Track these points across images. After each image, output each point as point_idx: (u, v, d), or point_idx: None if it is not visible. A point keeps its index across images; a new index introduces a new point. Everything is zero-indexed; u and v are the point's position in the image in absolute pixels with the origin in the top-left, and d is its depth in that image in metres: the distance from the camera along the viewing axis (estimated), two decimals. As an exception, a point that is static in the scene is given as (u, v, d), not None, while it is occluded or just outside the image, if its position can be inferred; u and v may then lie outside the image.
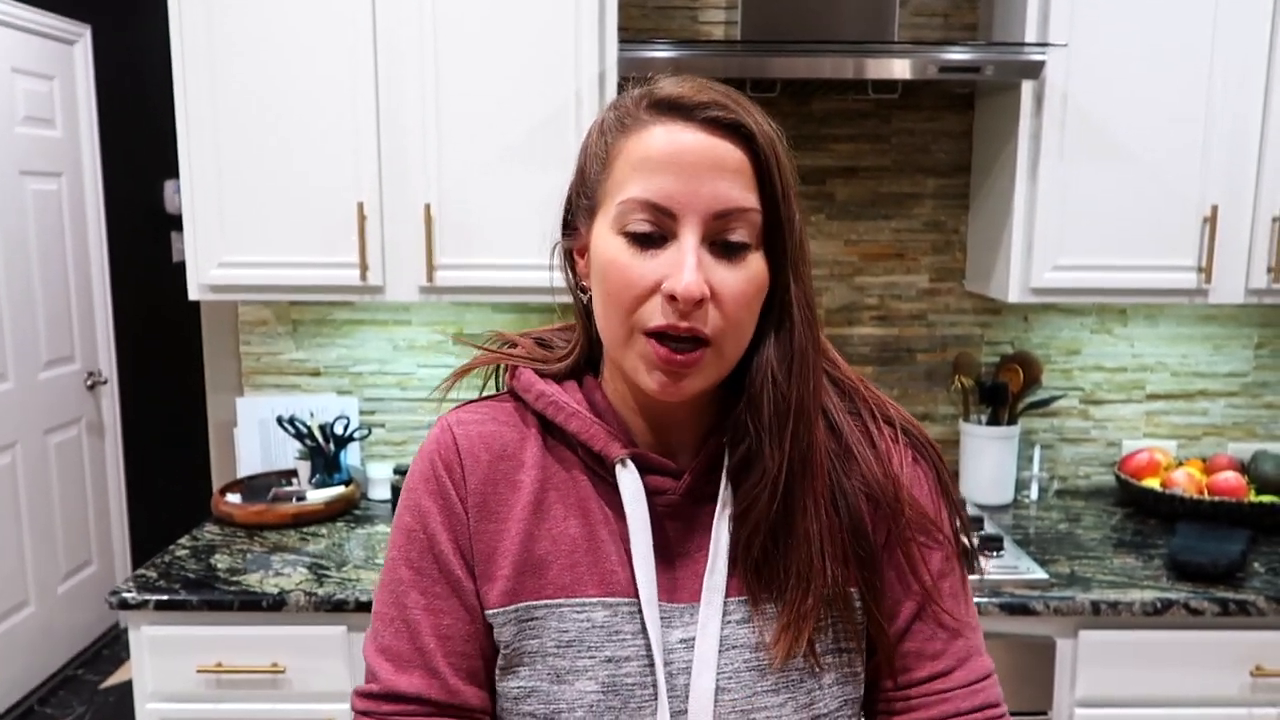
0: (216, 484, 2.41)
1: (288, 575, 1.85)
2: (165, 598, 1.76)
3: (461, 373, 0.86)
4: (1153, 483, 2.20)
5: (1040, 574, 1.84)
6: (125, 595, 1.77)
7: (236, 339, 2.38)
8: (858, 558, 0.77)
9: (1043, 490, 2.38)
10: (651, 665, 0.75)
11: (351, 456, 2.35)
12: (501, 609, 0.78)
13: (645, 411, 0.80)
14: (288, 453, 2.34)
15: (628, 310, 0.72)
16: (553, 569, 0.78)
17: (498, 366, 0.87)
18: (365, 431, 2.33)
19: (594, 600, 0.77)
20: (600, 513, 0.79)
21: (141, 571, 1.86)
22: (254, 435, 2.36)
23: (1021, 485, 2.36)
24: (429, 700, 0.78)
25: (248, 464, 2.36)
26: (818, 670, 0.76)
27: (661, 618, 0.76)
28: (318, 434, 2.24)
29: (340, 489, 2.21)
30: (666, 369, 0.71)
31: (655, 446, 0.81)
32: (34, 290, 3.25)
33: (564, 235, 0.82)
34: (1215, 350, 2.40)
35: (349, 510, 2.21)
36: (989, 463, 2.27)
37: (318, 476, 2.24)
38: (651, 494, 0.78)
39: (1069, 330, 2.38)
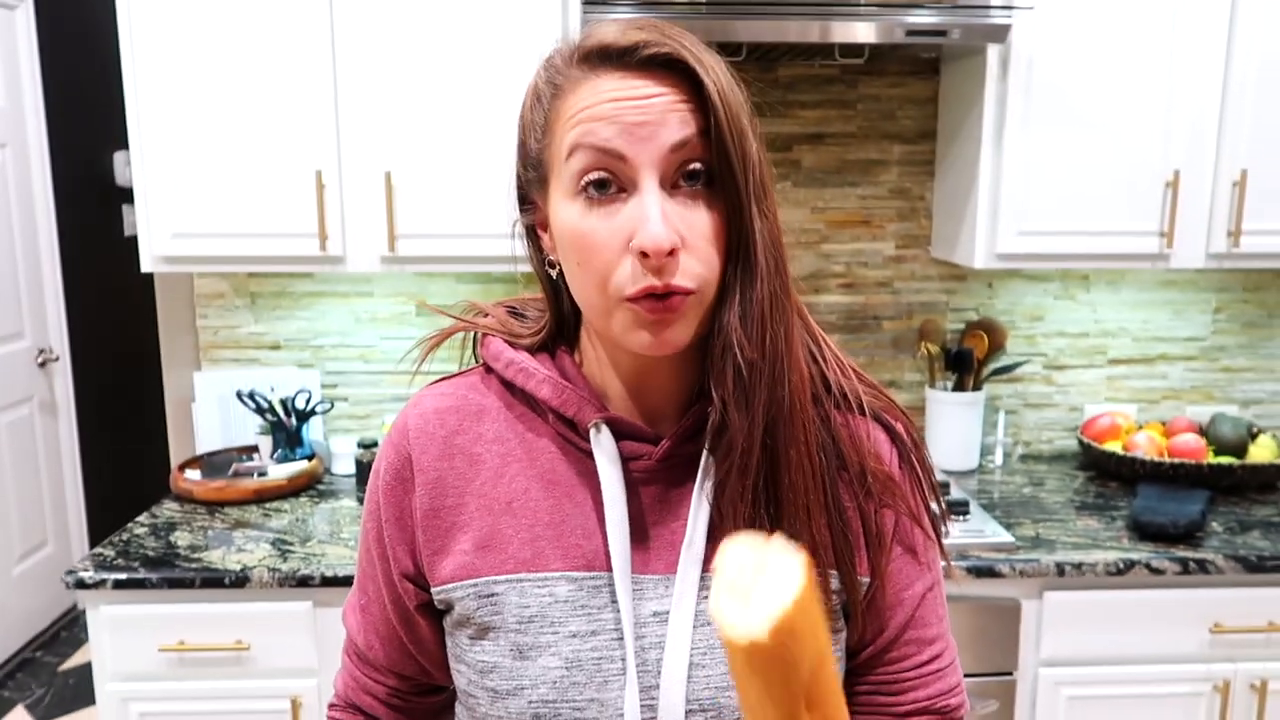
0: (175, 461, 2.36)
1: (250, 551, 1.82)
2: (124, 576, 1.72)
3: (433, 344, 0.83)
4: (1114, 446, 2.23)
5: (1006, 537, 1.86)
6: (82, 575, 1.73)
7: (193, 312, 2.32)
8: (841, 536, 0.75)
9: (1007, 455, 2.40)
10: (621, 639, 0.73)
11: (314, 431, 2.31)
12: (459, 583, 0.76)
13: (627, 376, 0.77)
14: (248, 428, 2.29)
15: (601, 278, 0.68)
16: (513, 543, 0.76)
17: (474, 339, 0.85)
18: (328, 405, 2.28)
19: (557, 574, 0.74)
20: (569, 483, 0.77)
21: (99, 550, 1.82)
22: (213, 411, 2.31)
23: (986, 451, 2.38)
24: (376, 665, 0.85)
25: (207, 440, 2.31)
26: None
27: (634, 590, 0.74)
28: (279, 408, 2.20)
29: (303, 464, 2.17)
30: (652, 323, 0.68)
31: (634, 414, 0.78)
32: (-20, 265, 3.15)
33: (521, 212, 0.79)
34: (1175, 315, 2.42)
35: (312, 485, 2.18)
36: (955, 429, 2.29)
37: (280, 451, 2.19)
38: (627, 460, 0.76)
39: (1033, 296, 2.40)
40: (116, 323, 3.72)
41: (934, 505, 0.81)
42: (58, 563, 3.53)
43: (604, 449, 0.75)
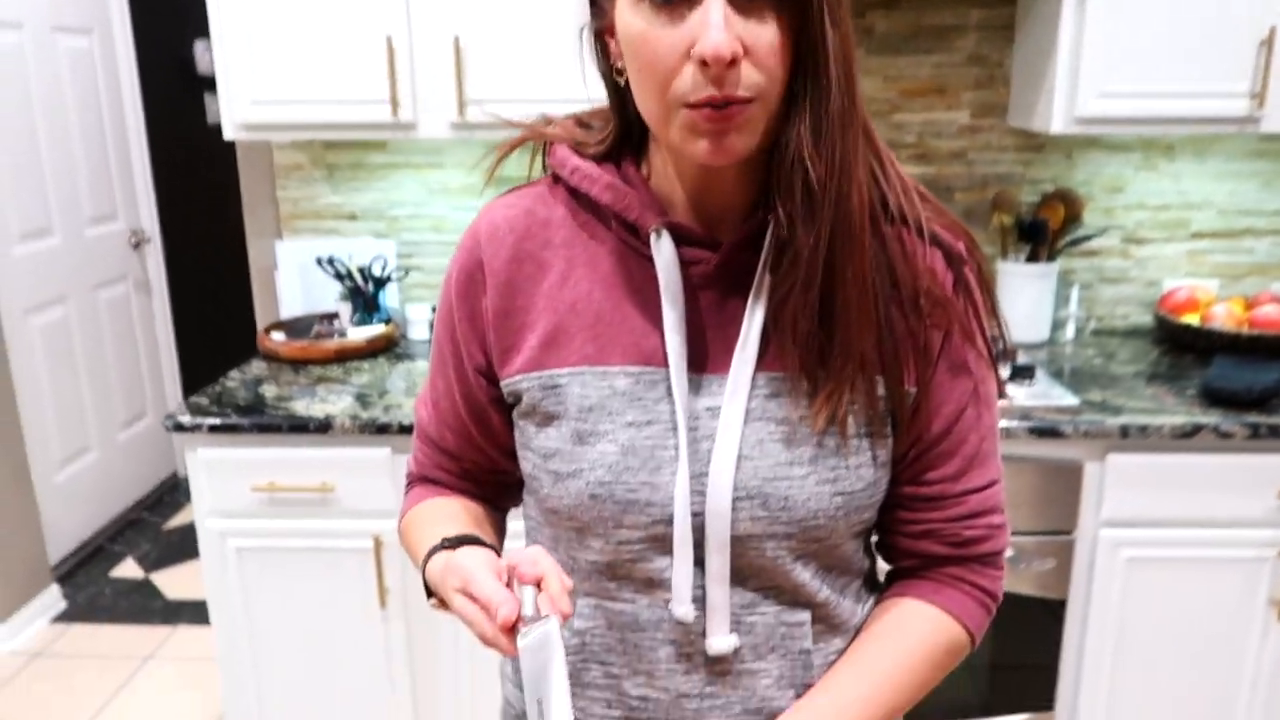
0: (261, 326, 2.47)
1: (333, 403, 1.92)
2: (217, 421, 1.84)
3: (505, 151, 0.85)
4: (1191, 319, 2.18)
5: (1071, 400, 1.86)
6: (180, 419, 1.85)
7: (273, 184, 2.40)
8: (891, 346, 0.77)
9: (1079, 330, 2.37)
10: (674, 430, 0.76)
11: (390, 299, 2.39)
12: (525, 375, 0.81)
13: (690, 183, 0.78)
14: (328, 296, 2.38)
15: (662, 84, 0.68)
16: (576, 340, 0.79)
17: (542, 152, 0.87)
18: (403, 273, 2.36)
19: (617, 369, 0.78)
20: (630, 286, 0.80)
21: (194, 399, 1.94)
22: (295, 279, 2.40)
23: (1058, 325, 2.35)
24: (448, 451, 0.91)
25: (289, 307, 2.41)
26: (845, 450, 0.76)
27: (689, 386, 0.77)
28: (356, 275, 2.28)
29: (380, 328, 2.26)
30: (711, 131, 0.68)
31: (695, 222, 0.79)
32: (73, 147, 3.28)
33: (592, 15, 0.81)
34: (1264, 186, 2.33)
35: (389, 348, 2.27)
36: (1025, 301, 2.26)
37: (358, 316, 2.29)
38: (687, 265, 0.78)
39: (1113, 167, 2.33)
40: (203, 205, 3.86)
41: (990, 326, 0.81)
42: (157, 433, 3.75)
43: (663, 253, 0.77)
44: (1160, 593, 1.88)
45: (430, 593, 0.79)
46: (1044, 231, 2.22)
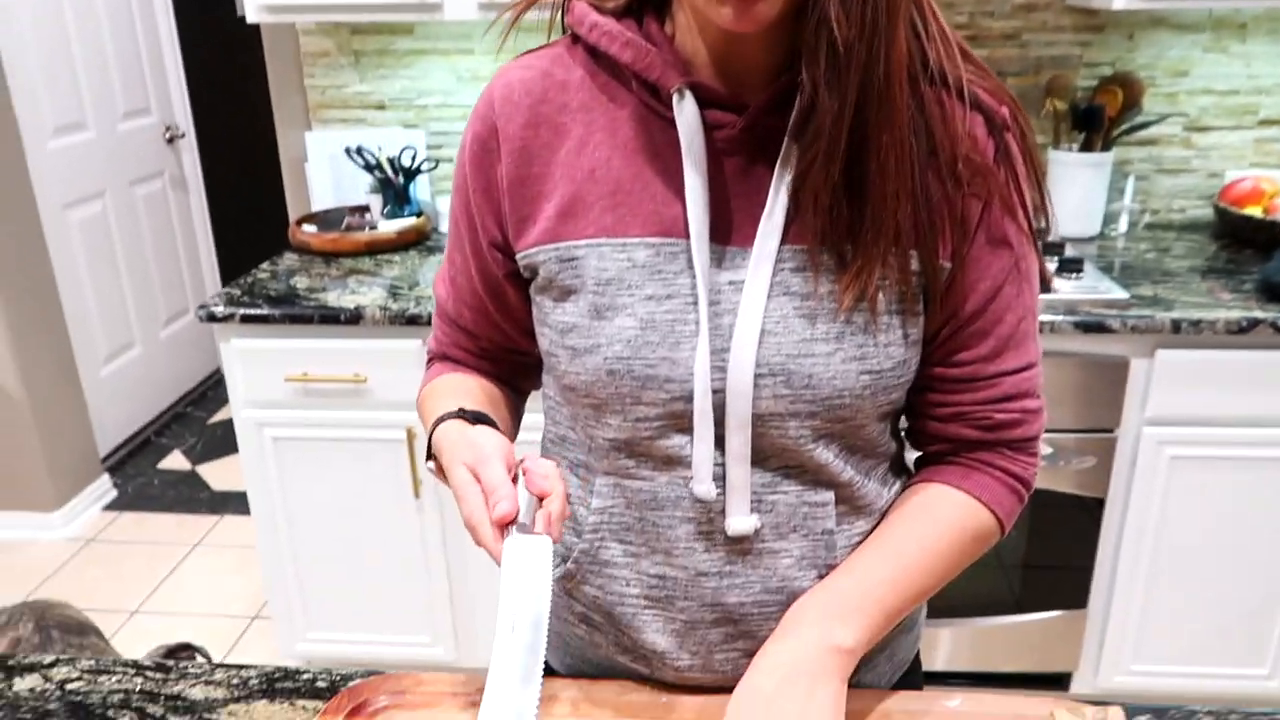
0: (293, 219, 2.45)
1: (363, 294, 1.90)
2: (250, 311, 1.84)
3: (521, 8, 0.81)
4: (1254, 211, 2.08)
5: (1120, 294, 1.79)
6: (214, 309, 1.85)
7: (300, 73, 2.35)
8: (926, 218, 0.72)
9: (1133, 223, 2.27)
10: (695, 304, 0.73)
11: (421, 190, 2.35)
12: (541, 247, 0.78)
13: (715, 44, 0.73)
14: (359, 188, 2.35)
15: None
16: (594, 210, 0.76)
17: (561, 11, 0.82)
18: (433, 164, 2.32)
19: (636, 240, 0.75)
20: (651, 152, 0.76)
21: (227, 289, 1.94)
22: (325, 171, 2.37)
23: (1110, 219, 2.25)
24: (466, 329, 0.89)
25: (320, 199, 2.39)
26: (874, 327, 0.73)
27: (711, 258, 0.74)
28: (386, 166, 2.24)
29: (411, 220, 2.23)
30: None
31: (720, 84, 0.75)
32: (104, 41, 3.23)
33: None
34: (1343, 69, 2.18)
35: (421, 241, 2.24)
36: (1077, 193, 2.16)
37: (388, 208, 2.26)
38: (711, 130, 0.74)
39: (1178, 49, 2.19)
40: (234, 98, 3.83)
41: (1033, 198, 0.76)
42: (198, 328, 3.80)
43: (686, 115, 0.73)
44: (1203, 493, 1.84)
45: (430, 455, 0.78)
46: (1100, 118, 2.11)
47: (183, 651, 1.74)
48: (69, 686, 0.85)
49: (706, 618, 0.80)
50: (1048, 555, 1.92)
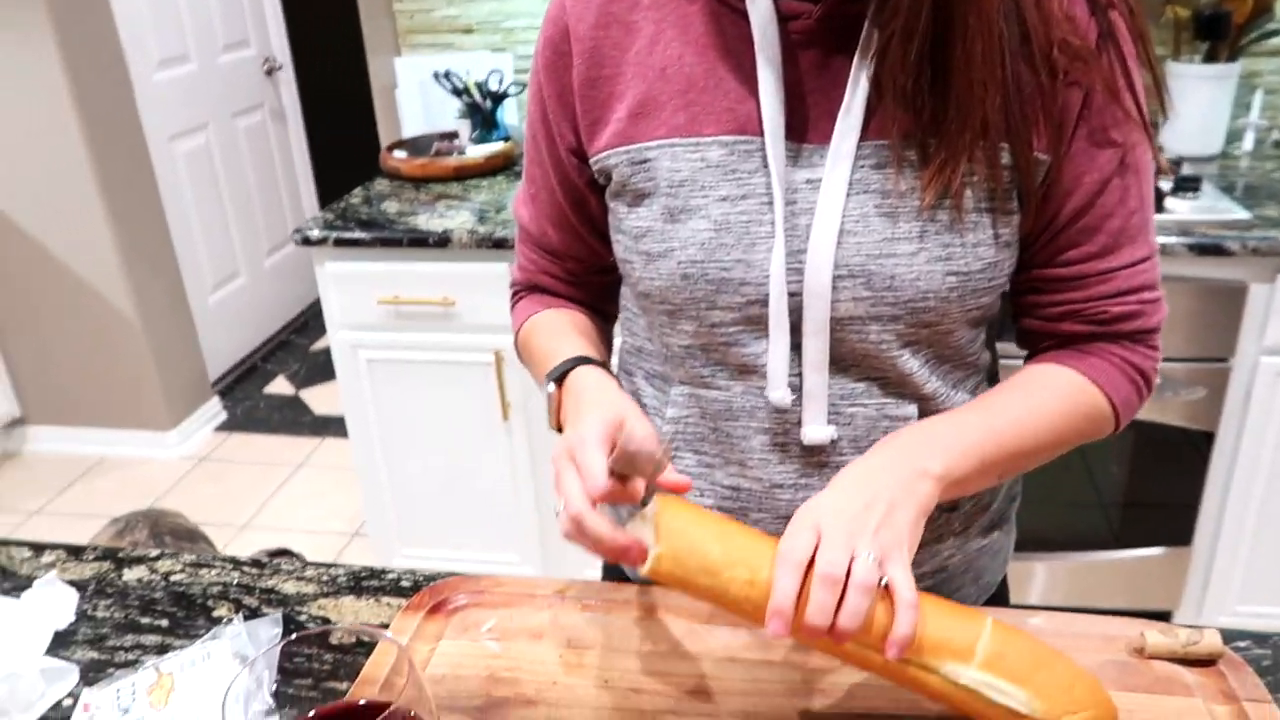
0: (384, 145, 2.48)
1: (451, 218, 1.92)
2: (343, 234, 1.88)
3: None
4: (1398, 125, 1.91)
5: (1241, 214, 1.67)
6: (309, 233, 1.90)
7: (390, -4, 2.36)
8: (1018, 108, 0.68)
9: (1259, 140, 2.11)
10: (770, 204, 0.71)
11: (509, 115, 2.35)
12: (613, 150, 0.76)
13: None
14: (448, 114, 2.36)
15: None
16: (666, 109, 0.74)
17: None
18: (519, 88, 2.30)
19: (709, 139, 0.73)
20: (724, 47, 0.73)
21: (321, 214, 1.98)
22: (415, 97, 2.39)
23: (1233, 136, 2.10)
24: (551, 250, 0.88)
25: (410, 126, 2.41)
26: (960, 226, 0.69)
27: (787, 156, 0.71)
28: (474, 90, 2.24)
29: (499, 145, 2.23)
30: None
31: None
32: (203, -28, 3.30)
33: None
34: None
35: (508, 166, 2.24)
36: (1198, 108, 2.02)
37: (477, 133, 2.26)
38: (785, 20, 0.71)
39: (1321, -53, 2.00)
40: (328, 30, 3.88)
41: (1145, 79, 0.71)
42: (300, 257, 3.92)
43: (759, 6, 0.70)
44: (1325, 427, 1.73)
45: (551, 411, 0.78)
46: (1226, 26, 1.96)
47: (281, 555, 1.82)
48: (173, 578, 0.89)
49: (780, 531, 0.79)
50: (1151, 491, 1.85)
